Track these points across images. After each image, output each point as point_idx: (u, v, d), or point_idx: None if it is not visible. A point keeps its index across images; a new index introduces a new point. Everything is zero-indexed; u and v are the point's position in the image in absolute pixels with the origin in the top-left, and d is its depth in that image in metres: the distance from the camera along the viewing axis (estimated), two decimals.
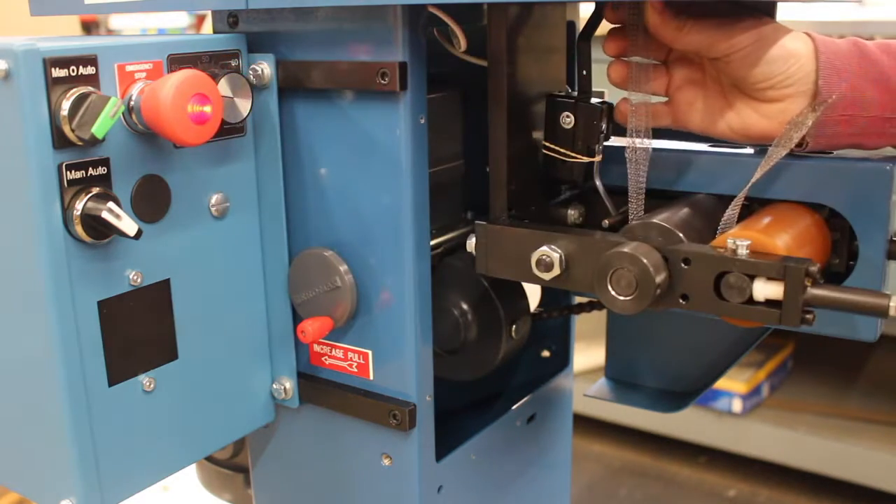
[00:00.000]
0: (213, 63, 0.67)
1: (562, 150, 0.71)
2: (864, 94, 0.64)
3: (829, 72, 0.64)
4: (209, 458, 0.96)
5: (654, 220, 0.64)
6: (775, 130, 0.66)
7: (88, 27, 3.28)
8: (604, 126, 0.70)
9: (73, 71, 0.58)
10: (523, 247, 0.67)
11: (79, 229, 0.59)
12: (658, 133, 0.70)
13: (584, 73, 0.72)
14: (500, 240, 0.68)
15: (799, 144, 0.66)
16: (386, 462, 0.75)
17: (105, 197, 0.59)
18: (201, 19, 3.14)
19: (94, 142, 0.58)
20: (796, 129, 0.63)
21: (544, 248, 0.65)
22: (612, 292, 0.60)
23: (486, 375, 0.81)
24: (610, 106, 0.71)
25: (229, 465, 0.95)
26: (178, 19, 3.24)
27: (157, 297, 0.66)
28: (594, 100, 0.70)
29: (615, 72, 0.70)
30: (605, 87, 0.72)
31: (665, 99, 0.71)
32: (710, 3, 0.64)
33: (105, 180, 0.60)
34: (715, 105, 0.68)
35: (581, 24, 0.74)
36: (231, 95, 0.65)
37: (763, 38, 0.64)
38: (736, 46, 0.63)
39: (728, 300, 0.58)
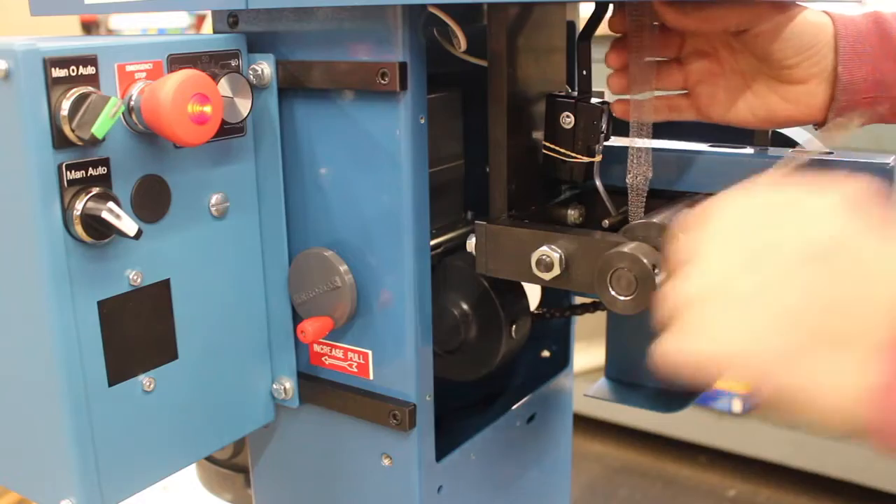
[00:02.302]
0: (213, 63, 0.67)
1: (562, 150, 0.71)
2: (885, 76, 0.63)
3: (850, 57, 0.63)
4: (209, 458, 0.96)
5: (654, 220, 0.64)
6: (800, 114, 0.66)
7: (88, 27, 3.28)
8: (604, 126, 0.70)
9: (73, 71, 0.58)
10: (523, 247, 0.67)
11: (79, 229, 0.59)
12: (657, 132, 0.70)
13: (584, 73, 0.72)
14: (500, 240, 0.68)
15: (820, 125, 0.66)
16: (386, 462, 0.75)
17: (105, 197, 0.59)
18: (201, 19, 3.14)
19: (94, 142, 0.58)
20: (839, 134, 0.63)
21: (544, 248, 0.65)
22: (612, 292, 0.60)
23: (486, 375, 0.81)
24: (610, 106, 0.71)
25: (229, 465, 0.95)
26: (178, 19, 3.24)
27: (157, 297, 0.66)
28: (594, 100, 0.70)
29: (616, 83, 0.69)
30: (604, 87, 0.72)
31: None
32: None
33: (105, 180, 0.60)
34: (737, 94, 0.67)
35: (581, 24, 0.74)
36: (231, 95, 0.65)
37: (787, 8, 0.63)
38: (763, 15, 0.62)
39: None
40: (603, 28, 0.70)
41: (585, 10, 0.73)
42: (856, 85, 0.63)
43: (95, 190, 0.59)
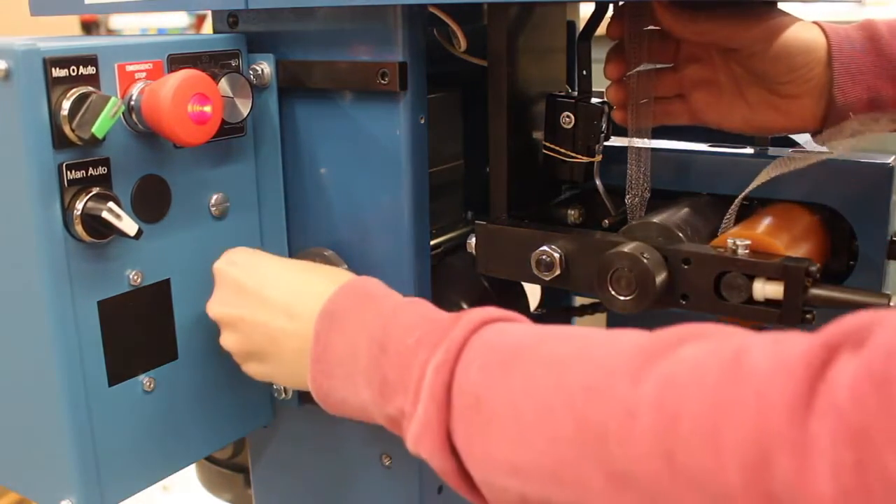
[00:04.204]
0: (213, 63, 0.67)
1: (562, 150, 0.71)
2: (879, 94, 0.64)
3: (845, 79, 0.63)
4: (209, 458, 0.96)
5: (654, 220, 0.64)
6: (792, 125, 0.66)
7: (88, 27, 3.28)
8: (604, 126, 0.70)
9: (73, 71, 0.58)
10: (523, 247, 0.67)
11: (79, 229, 0.59)
12: (657, 132, 0.70)
13: (584, 73, 0.72)
14: (500, 240, 0.68)
15: (815, 135, 0.67)
16: (386, 462, 0.75)
17: (105, 197, 0.59)
18: (201, 19, 3.14)
19: (94, 142, 0.58)
20: (834, 145, 0.63)
21: (544, 248, 0.65)
22: (612, 292, 0.60)
23: None
24: (610, 106, 0.71)
25: (229, 465, 0.95)
26: (178, 19, 3.25)
27: (157, 297, 0.66)
28: (594, 100, 0.70)
29: (614, 94, 0.70)
30: (605, 87, 0.72)
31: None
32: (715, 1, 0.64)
33: (105, 180, 0.60)
34: (731, 101, 0.68)
35: (581, 24, 0.74)
36: (231, 95, 0.65)
37: (779, 27, 0.63)
38: (753, 37, 0.63)
39: (728, 300, 0.58)
40: (603, 28, 0.70)
41: (585, 10, 0.73)
42: (850, 106, 0.64)
43: (95, 190, 0.59)
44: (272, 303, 0.63)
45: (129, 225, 0.59)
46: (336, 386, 0.58)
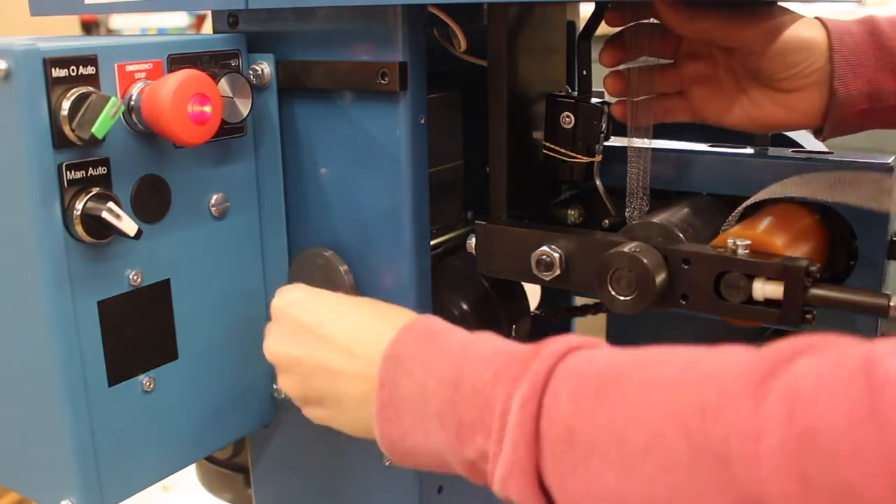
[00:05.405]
0: (213, 63, 0.67)
1: (562, 150, 0.71)
2: (880, 88, 0.64)
3: (845, 71, 0.63)
4: (209, 458, 0.96)
5: (654, 220, 0.64)
6: (794, 120, 0.66)
7: (88, 27, 3.28)
8: (604, 126, 0.70)
9: (73, 71, 0.58)
10: (523, 247, 0.67)
11: (79, 229, 0.59)
12: (657, 132, 0.70)
13: (584, 73, 0.72)
14: (500, 240, 0.68)
15: (818, 132, 0.67)
16: (386, 462, 0.75)
17: (105, 197, 0.59)
18: (201, 19, 3.14)
19: (94, 142, 0.58)
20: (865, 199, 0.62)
21: (544, 248, 0.65)
22: (612, 292, 0.60)
23: None
24: (608, 102, 0.71)
25: (229, 465, 0.95)
26: (178, 19, 3.25)
27: (157, 297, 0.66)
28: (594, 100, 0.70)
29: (612, 84, 0.69)
30: (605, 88, 0.72)
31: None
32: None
33: (105, 180, 0.61)
34: (732, 97, 0.68)
35: (581, 24, 0.74)
36: (231, 95, 0.65)
37: (779, 27, 0.63)
38: (751, 37, 0.63)
39: (728, 300, 0.58)
40: (603, 28, 0.70)
41: (585, 10, 0.73)
42: (851, 99, 0.64)
43: (95, 190, 0.59)
44: (331, 341, 0.60)
45: (128, 225, 0.59)
46: (406, 432, 0.55)
